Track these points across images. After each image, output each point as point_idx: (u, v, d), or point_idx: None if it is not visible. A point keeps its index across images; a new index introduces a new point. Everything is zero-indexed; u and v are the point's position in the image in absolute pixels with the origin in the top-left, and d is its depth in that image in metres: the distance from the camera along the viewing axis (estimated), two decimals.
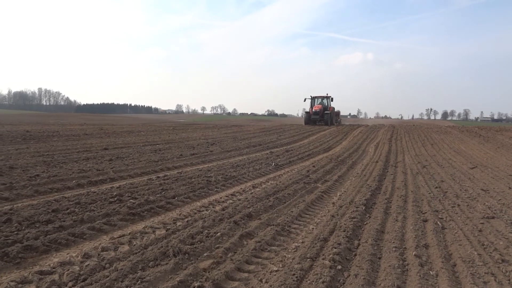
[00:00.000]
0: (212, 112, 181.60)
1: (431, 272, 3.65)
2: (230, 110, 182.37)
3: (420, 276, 3.49)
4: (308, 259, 3.81)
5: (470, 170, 10.48)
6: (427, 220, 5.42)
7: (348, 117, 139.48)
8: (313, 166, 10.35)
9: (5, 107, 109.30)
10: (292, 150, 14.50)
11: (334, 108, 35.52)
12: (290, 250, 4.24)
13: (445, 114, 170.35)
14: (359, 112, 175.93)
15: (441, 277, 3.51)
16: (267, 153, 12.97)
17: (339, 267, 3.66)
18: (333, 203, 6.58)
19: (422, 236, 4.71)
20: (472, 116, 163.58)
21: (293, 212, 5.65)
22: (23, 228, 4.27)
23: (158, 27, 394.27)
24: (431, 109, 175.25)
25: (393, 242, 4.41)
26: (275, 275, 3.52)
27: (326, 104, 34.73)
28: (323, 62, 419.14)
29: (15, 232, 4.10)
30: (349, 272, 3.63)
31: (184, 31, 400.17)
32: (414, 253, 4.05)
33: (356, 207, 5.92)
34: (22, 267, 3.45)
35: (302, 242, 4.49)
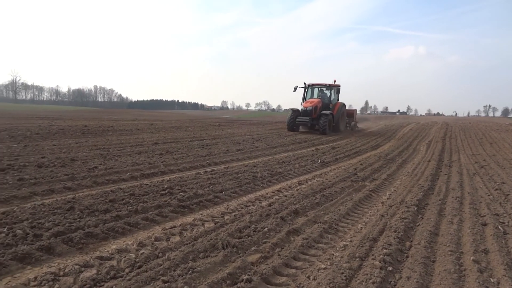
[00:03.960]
0: (257, 108, 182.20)
1: (491, 279, 3.43)
2: (274, 106, 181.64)
3: (479, 283, 3.29)
4: (357, 259, 3.73)
5: None
6: (487, 224, 5.08)
7: (397, 113, 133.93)
8: (361, 164, 10.08)
9: (66, 103, 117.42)
10: (338, 147, 14.22)
11: (343, 106, 22.68)
12: (338, 249, 4.18)
13: (505, 111, 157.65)
14: (408, 108, 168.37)
15: (503, 285, 3.28)
16: (312, 150, 12.83)
17: (390, 268, 3.55)
18: (382, 202, 6.38)
19: (480, 240, 4.43)
20: None
21: (340, 210, 5.55)
22: (84, 216, 4.58)
23: (205, 25, 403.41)
24: (489, 106, 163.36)
25: (448, 246, 4.18)
26: (323, 272, 3.48)
27: (329, 98, 21.92)
28: (372, 57, 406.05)
29: (78, 220, 4.40)
30: (400, 274, 3.51)
31: (229, 29, 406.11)
32: (472, 258, 3.82)
33: (407, 208, 5.69)
34: (84, 252, 3.71)
35: (351, 241, 4.40)
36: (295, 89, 21.93)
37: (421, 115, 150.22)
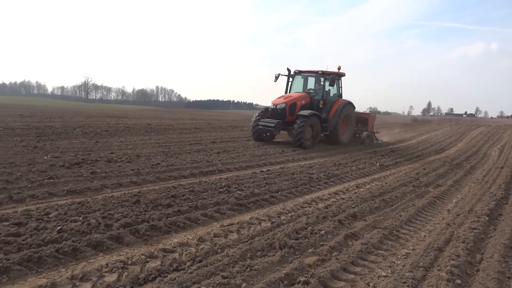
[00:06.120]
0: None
1: None
2: None
3: None
4: (421, 268, 3.54)
5: None
6: None
7: (464, 116, 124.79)
8: (424, 169, 9.54)
9: (130, 102, 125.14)
10: (398, 150, 13.60)
11: (348, 105, 14.26)
12: (399, 256, 3.99)
13: None
14: (477, 110, 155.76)
15: None
16: (370, 152, 12.40)
17: (458, 281, 3.31)
18: (448, 210, 5.98)
19: None
20: None
21: (401, 216, 5.30)
22: (149, 209, 4.85)
23: (262, 25, 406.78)
24: None
25: None
26: (383, 280, 3.35)
27: (327, 94, 14.03)
28: (436, 55, 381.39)
29: (143, 213, 4.67)
30: None
31: (286, 28, 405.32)
32: None
33: (477, 217, 5.27)
34: (149, 244, 3.92)
35: (413, 249, 4.19)
36: (276, 78, 14.35)
37: (491, 117, 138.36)
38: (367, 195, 6.38)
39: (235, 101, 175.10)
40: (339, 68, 14.10)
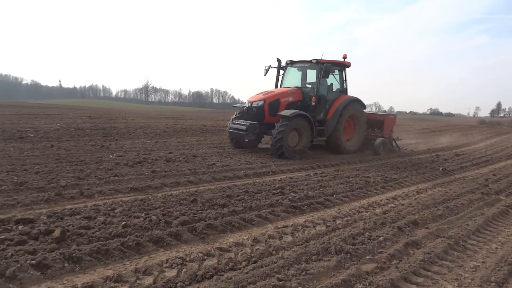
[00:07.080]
0: (367, 109, 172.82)
1: None
2: (386, 108, 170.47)
3: None
4: (493, 284, 3.26)
5: None
6: None
7: None
8: (494, 175, 8.79)
9: (186, 104, 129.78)
10: (463, 154, 12.68)
11: (354, 103, 11.31)
12: (467, 269, 3.70)
13: None
14: None
15: None
16: (432, 156, 11.70)
17: None
18: None
19: None
20: None
21: (468, 226, 4.91)
22: (205, 208, 4.98)
23: (316, 25, 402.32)
24: None
25: None
26: None
27: (328, 89, 11.18)
28: (507, 51, 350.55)
29: (200, 211, 4.81)
30: None
31: (340, 28, 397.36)
32: None
33: None
34: (205, 242, 4.03)
35: (483, 262, 3.87)
36: (266, 71, 11.82)
37: None
38: (429, 202, 6.01)
39: None
40: (344, 57, 11.48)
